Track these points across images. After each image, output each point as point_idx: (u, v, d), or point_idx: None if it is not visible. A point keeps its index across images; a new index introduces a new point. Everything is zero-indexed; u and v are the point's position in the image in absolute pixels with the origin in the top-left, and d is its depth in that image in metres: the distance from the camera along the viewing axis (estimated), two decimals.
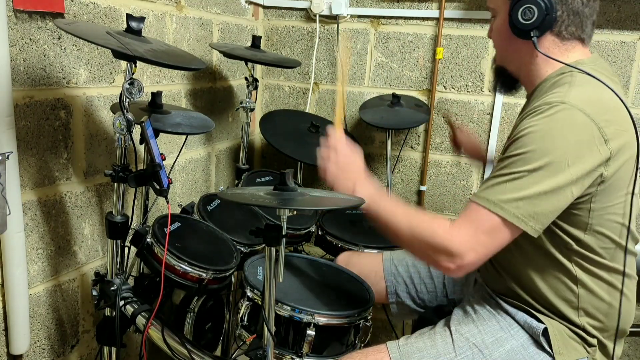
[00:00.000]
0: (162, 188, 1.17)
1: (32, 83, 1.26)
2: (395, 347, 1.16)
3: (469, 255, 1.02)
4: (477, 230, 1.02)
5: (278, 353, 1.18)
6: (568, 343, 1.11)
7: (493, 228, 1.01)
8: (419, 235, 1.08)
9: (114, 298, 1.25)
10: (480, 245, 1.03)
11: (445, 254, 1.03)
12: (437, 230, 1.06)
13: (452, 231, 1.04)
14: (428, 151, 2.18)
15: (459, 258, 1.02)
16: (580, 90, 1.04)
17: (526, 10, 1.08)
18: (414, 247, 1.11)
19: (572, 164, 0.98)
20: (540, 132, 1.00)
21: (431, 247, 1.06)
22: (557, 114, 1.00)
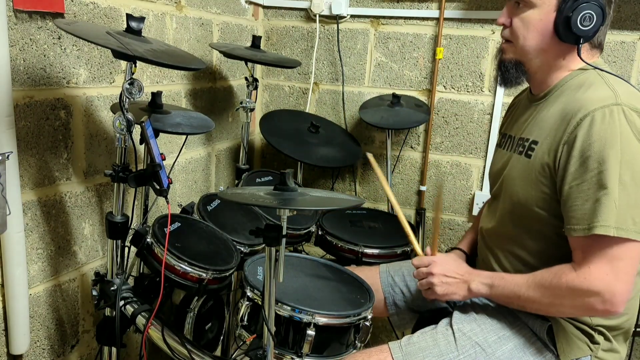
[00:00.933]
0: (162, 188, 1.17)
1: (32, 83, 1.26)
2: (398, 347, 1.16)
3: (617, 287, 0.99)
4: (611, 260, 0.99)
5: (278, 353, 1.18)
6: (572, 341, 1.11)
7: (625, 252, 0.99)
8: (557, 292, 1.04)
9: (114, 298, 1.25)
10: (622, 273, 0.99)
11: (594, 297, 1.00)
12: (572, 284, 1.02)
13: (586, 273, 1.01)
14: (428, 151, 2.18)
15: (608, 295, 0.99)
16: (622, 89, 1.05)
17: (586, 16, 1.04)
18: (562, 310, 1.08)
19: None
20: (612, 140, 0.98)
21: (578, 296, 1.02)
22: (619, 118, 0.99)
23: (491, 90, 2.08)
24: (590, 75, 1.10)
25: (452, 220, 2.22)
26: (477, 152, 2.14)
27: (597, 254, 0.99)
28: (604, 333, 1.12)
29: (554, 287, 1.04)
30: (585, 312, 1.05)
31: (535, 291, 1.07)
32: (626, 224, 0.97)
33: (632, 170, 0.97)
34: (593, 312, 1.03)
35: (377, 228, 1.84)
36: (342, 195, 1.18)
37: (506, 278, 1.14)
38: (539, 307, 1.10)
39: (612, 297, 0.98)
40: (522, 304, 1.11)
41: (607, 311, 1.00)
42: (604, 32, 1.13)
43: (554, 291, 1.04)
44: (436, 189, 2.07)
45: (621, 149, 0.97)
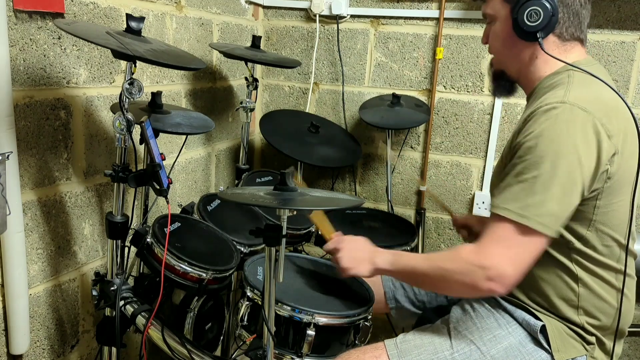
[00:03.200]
0: (162, 188, 1.17)
1: (32, 83, 1.26)
2: (393, 344, 1.16)
3: (507, 268, 1.01)
4: (507, 242, 1.02)
5: (278, 353, 1.18)
6: (566, 341, 1.11)
7: (522, 237, 1.01)
8: (449, 267, 1.07)
9: (114, 298, 1.25)
10: (514, 256, 1.02)
11: (481, 274, 1.02)
12: (463, 255, 1.05)
13: (480, 249, 1.04)
14: (428, 151, 2.18)
15: (496, 273, 1.01)
16: (579, 90, 1.05)
17: (532, 12, 1.08)
18: (448, 283, 1.09)
19: (583, 161, 0.99)
20: (547, 134, 1.00)
21: (465, 273, 1.04)
22: (560, 114, 1.00)
23: (490, 84, 2.07)
24: (560, 78, 1.11)
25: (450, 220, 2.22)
26: (477, 152, 2.14)
27: (498, 235, 1.03)
28: (595, 334, 1.12)
29: (448, 260, 1.08)
30: (469, 289, 1.05)
31: (429, 265, 1.11)
32: (530, 212, 0.99)
33: (553, 165, 0.99)
34: (476, 287, 1.03)
35: (377, 228, 1.84)
36: (342, 195, 1.18)
37: (406, 254, 1.21)
38: (429, 282, 1.14)
39: (498, 277, 1.01)
40: (417, 279, 1.18)
41: (490, 290, 1.02)
42: (574, 23, 1.12)
43: (446, 264, 1.07)
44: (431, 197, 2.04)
45: (551, 144, 0.99)
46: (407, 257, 1.18)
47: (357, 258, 1.22)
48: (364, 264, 1.21)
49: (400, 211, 2.27)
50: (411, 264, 1.15)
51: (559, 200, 0.99)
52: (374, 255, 1.22)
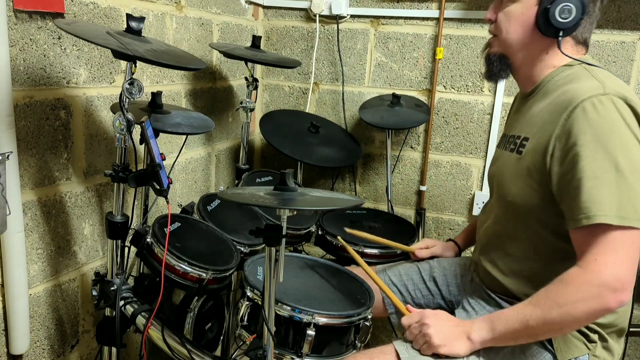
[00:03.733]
0: (162, 188, 1.17)
1: (32, 83, 1.26)
2: (404, 348, 1.15)
3: (624, 274, 0.95)
4: (614, 249, 0.96)
5: (278, 353, 1.18)
6: (569, 340, 1.11)
7: (625, 239, 0.96)
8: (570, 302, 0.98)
9: (114, 298, 1.24)
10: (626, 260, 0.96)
11: (605, 291, 0.96)
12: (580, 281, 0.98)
13: (591, 267, 0.97)
14: (428, 151, 2.18)
15: (619, 284, 0.95)
16: (609, 80, 1.05)
17: (565, 8, 1.06)
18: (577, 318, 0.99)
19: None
20: (606, 129, 0.97)
21: (593, 299, 0.97)
22: (608, 106, 0.99)
23: (491, 90, 2.08)
24: (577, 70, 1.11)
25: (452, 220, 2.22)
26: (477, 152, 2.14)
27: (600, 245, 0.97)
28: (598, 331, 1.12)
29: (561, 294, 0.99)
30: (599, 311, 0.98)
31: (542, 309, 0.99)
32: (627, 212, 0.95)
33: (627, 158, 0.97)
34: (606, 306, 0.97)
35: (377, 228, 1.84)
36: (342, 195, 1.18)
37: (504, 311, 1.07)
38: (551, 326, 1.01)
39: (622, 285, 0.95)
40: (532, 332, 1.02)
41: (620, 301, 0.96)
42: (589, 30, 1.13)
43: (562, 298, 0.98)
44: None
45: (614, 137, 0.97)
46: (507, 314, 1.05)
47: (450, 335, 1.08)
48: (460, 340, 1.07)
49: (400, 211, 2.27)
50: (519, 319, 1.02)
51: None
52: (468, 328, 1.08)
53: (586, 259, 0.98)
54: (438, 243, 1.57)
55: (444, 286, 1.44)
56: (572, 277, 0.99)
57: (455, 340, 1.07)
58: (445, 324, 1.11)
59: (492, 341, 1.06)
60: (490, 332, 1.05)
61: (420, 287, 1.46)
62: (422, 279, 1.46)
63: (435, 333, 1.08)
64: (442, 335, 1.08)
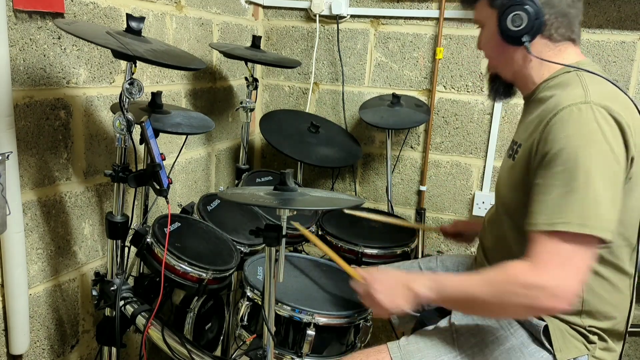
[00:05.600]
0: (162, 188, 1.17)
1: (32, 83, 1.26)
2: (396, 347, 1.16)
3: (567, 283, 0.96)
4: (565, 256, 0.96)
5: (278, 353, 1.18)
6: (568, 341, 1.11)
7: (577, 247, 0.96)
8: (508, 292, 0.99)
9: (114, 298, 1.25)
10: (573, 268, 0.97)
11: (543, 293, 0.96)
12: (523, 278, 0.98)
13: (540, 269, 0.97)
14: (428, 151, 2.18)
15: (559, 290, 0.95)
16: (596, 88, 1.04)
17: (515, 17, 1.09)
18: (508, 308, 1.02)
19: (619, 159, 0.98)
20: (579, 137, 0.97)
21: (529, 297, 0.97)
22: (587, 114, 0.98)
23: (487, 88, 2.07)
24: (569, 77, 1.10)
25: (452, 220, 2.22)
26: (477, 152, 2.14)
27: (554, 250, 0.98)
28: (598, 334, 1.12)
29: (503, 282, 1.01)
30: (531, 309, 1.00)
31: (483, 288, 1.03)
32: (589, 221, 0.95)
33: (598, 168, 0.96)
34: (539, 307, 0.98)
35: (377, 228, 1.84)
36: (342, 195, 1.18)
37: (446, 277, 1.10)
38: (486, 307, 1.05)
39: (563, 295, 0.96)
40: (468, 304, 1.07)
41: (553, 308, 0.97)
42: (564, 23, 1.11)
43: (503, 286, 1.00)
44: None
45: (588, 146, 0.97)
46: (451, 281, 1.08)
47: (393, 290, 1.11)
48: (403, 294, 1.10)
49: (400, 211, 2.27)
50: (461, 290, 1.06)
51: (611, 201, 0.97)
52: (410, 282, 1.10)
53: (538, 259, 0.99)
54: (463, 221, 1.62)
55: None
56: (520, 271, 1.00)
57: (399, 296, 1.10)
58: (388, 280, 1.13)
59: (435, 301, 1.10)
60: (435, 294, 1.08)
61: None
62: None
63: (380, 293, 1.11)
64: (386, 295, 1.11)
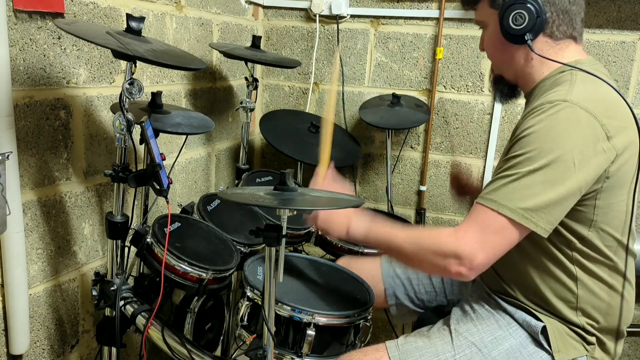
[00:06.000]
0: (162, 188, 1.17)
1: (32, 83, 1.26)
2: (394, 346, 1.16)
3: (478, 255, 1.01)
4: (485, 230, 1.01)
5: (278, 353, 1.18)
6: (567, 341, 1.11)
7: (501, 228, 1.00)
8: (425, 246, 1.07)
9: (114, 298, 1.25)
10: (488, 245, 1.02)
11: (454, 258, 1.02)
12: (442, 236, 1.05)
13: (458, 234, 1.04)
14: (428, 151, 2.18)
15: (467, 259, 1.01)
16: (581, 88, 1.04)
17: (517, 16, 1.09)
18: (420, 260, 1.09)
19: (578, 161, 0.98)
20: (544, 130, 1.00)
21: (439, 254, 1.04)
22: (560, 112, 1.00)
23: (491, 90, 2.08)
24: (563, 76, 1.11)
25: (452, 220, 2.22)
26: (477, 152, 2.14)
27: (479, 223, 1.02)
28: (594, 334, 1.12)
29: (426, 239, 1.07)
30: (439, 270, 1.07)
31: (405, 239, 1.10)
32: (517, 206, 0.99)
33: (550, 162, 0.98)
34: (446, 269, 1.04)
35: None
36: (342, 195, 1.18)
37: (385, 224, 1.16)
38: (403, 256, 1.13)
39: (469, 263, 1.01)
40: (390, 250, 1.15)
41: (458, 273, 1.02)
42: (565, 21, 1.12)
43: (423, 242, 1.07)
44: None
45: (549, 140, 0.99)
46: (383, 229, 1.15)
47: (333, 217, 1.19)
48: (339, 226, 1.18)
49: (400, 211, 2.27)
50: (387, 237, 1.13)
51: (550, 197, 0.98)
52: (351, 220, 1.18)
53: (461, 227, 1.05)
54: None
55: (448, 284, 1.44)
56: (442, 232, 1.07)
57: (335, 226, 1.19)
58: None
59: (361, 241, 1.22)
60: (364, 235, 1.17)
61: (424, 283, 1.45)
62: (427, 275, 1.46)
63: (321, 214, 1.20)
64: (325, 219, 1.20)
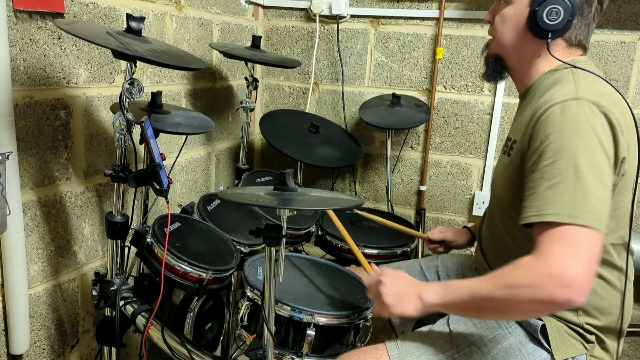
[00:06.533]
0: (162, 188, 1.17)
1: (32, 83, 1.26)
2: (394, 345, 1.16)
3: (577, 270, 0.91)
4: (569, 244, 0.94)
5: (278, 353, 1.18)
6: (566, 340, 1.11)
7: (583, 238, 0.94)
8: (516, 283, 0.96)
9: (114, 298, 1.25)
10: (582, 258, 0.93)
11: (554, 282, 0.91)
12: (527, 266, 0.95)
13: (542, 256, 0.94)
14: (428, 151, 2.18)
15: (569, 277, 0.91)
16: (588, 85, 1.04)
17: (553, 10, 1.06)
18: (518, 302, 0.96)
19: (609, 154, 0.98)
20: (569, 132, 0.97)
21: (537, 286, 0.93)
22: (578, 110, 0.98)
23: (491, 90, 2.08)
24: (563, 74, 1.10)
25: (452, 220, 2.22)
26: (477, 152, 2.14)
27: (554, 240, 0.95)
28: (595, 333, 1.12)
29: (511, 276, 0.97)
30: (543, 301, 0.94)
31: (490, 286, 0.98)
32: (579, 211, 0.94)
33: (588, 161, 0.96)
34: (551, 299, 0.92)
35: (377, 228, 1.84)
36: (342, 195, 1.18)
37: (457, 282, 1.06)
38: (495, 305, 0.99)
39: (572, 282, 0.91)
40: (478, 306, 1.02)
41: (568, 299, 0.91)
42: (584, 32, 1.12)
43: (511, 280, 0.96)
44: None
45: (577, 140, 0.97)
46: (460, 284, 1.04)
47: (403, 294, 1.08)
48: (411, 300, 1.07)
49: (400, 211, 2.27)
50: (468, 291, 1.02)
51: (601, 194, 0.96)
52: (421, 289, 1.07)
53: (541, 249, 0.96)
54: (451, 229, 1.59)
55: None
56: (525, 263, 0.97)
57: (406, 301, 1.07)
58: (400, 283, 1.10)
59: (441, 307, 1.06)
60: (442, 299, 1.05)
61: None
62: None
63: (388, 293, 1.08)
64: (394, 296, 1.08)
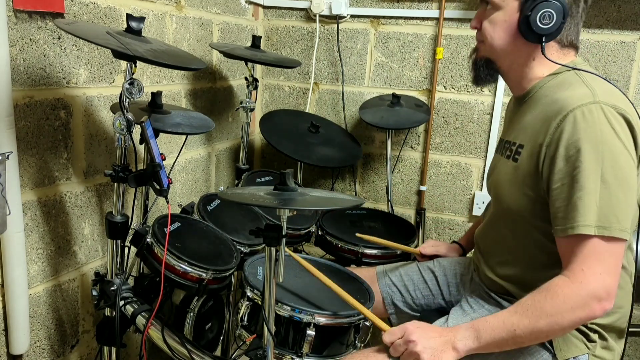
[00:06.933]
0: (162, 188, 1.17)
1: (32, 83, 1.26)
2: None
3: (609, 282, 0.97)
4: (599, 258, 0.97)
5: (278, 353, 1.18)
6: (569, 340, 1.11)
7: (611, 249, 0.97)
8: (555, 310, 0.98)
9: (114, 298, 1.24)
10: (611, 270, 0.98)
11: (594, 301, 0.97)
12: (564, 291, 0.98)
13: (579, 277, 0.98)
14: (428, 151, 2.18)
15: (605, 292, 0.97)
16: (600, 87, 1.04)
17: (545, 14, 1.06)
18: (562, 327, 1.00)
19: (634, 157, 0.98)
20: (594, 139, 0.97)
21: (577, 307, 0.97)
22: (598, 115, 0.98)
23: (491, 90, 2.08)
24: (568, 76, 1.11)
25: (452, 220, 2.22)
26: (477, 152, 2.14)
27: (586, 255, 0.97)
28: (598, 331, 1.12)
29: (549, 304, 0.99)
30: (585, 319, 1.00)
31: (529, 318, 0.99)
32: (609, 222, 0.96)
33: (614, 168, 0.97)
34: (593, 315, 0.99)
35: (377, 228, 1.85)
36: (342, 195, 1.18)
37: (489, 318, 1.05)
38: (538, 334, 1.01)
39: (608, 295, 0.97)
40: (518, 340, 1.01)
41: (605, 309, 0.98)
42: (574, 32, 1.13)
43: (551, 308, 0.98)
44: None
45: (602, 147, 0.97)
46: (493, 322, 1.03)
47: (436, 348, 1.04)
48: (447, 352, 1.03)
49: (400, 211, 2.27)
50: (505, 328, 1.01)
51: (626, 201, 0.97)
52: (454, 338, 1.05)
53: (573, 268, 0.99)
54: (442, 244, 1.58)
55: (445, 286, 1.44)
56: (560, 287, 0.99)
57: (442, 353, 1.04)
58: (430, 336, 1.06)
59: (478, 349, 1.04)
60: (476, 341, 1.03)
61: (420, 287, 1.46)
62: (422, 279, 1.46)
63: (424, 349, 1.03)
64: (430, 350, 1.03)
